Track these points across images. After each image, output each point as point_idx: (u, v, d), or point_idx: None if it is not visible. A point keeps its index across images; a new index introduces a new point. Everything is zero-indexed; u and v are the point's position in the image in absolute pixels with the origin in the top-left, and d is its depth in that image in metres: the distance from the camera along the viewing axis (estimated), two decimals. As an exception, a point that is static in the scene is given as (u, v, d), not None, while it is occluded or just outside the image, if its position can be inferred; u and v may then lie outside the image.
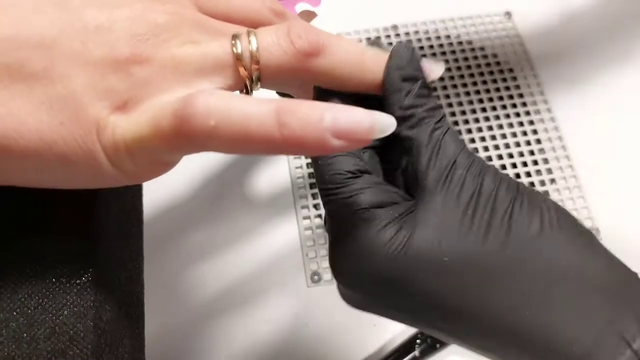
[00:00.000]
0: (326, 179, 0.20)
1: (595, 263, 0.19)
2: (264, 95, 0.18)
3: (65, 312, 0.21)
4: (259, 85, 0.20)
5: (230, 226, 0.38)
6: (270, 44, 0.19)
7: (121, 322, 0.23)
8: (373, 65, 0.20)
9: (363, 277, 0.20)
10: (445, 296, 0.19)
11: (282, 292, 0.36)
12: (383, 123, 0.17)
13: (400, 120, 0.20)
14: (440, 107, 0.20)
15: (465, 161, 0.19)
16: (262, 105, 0.17)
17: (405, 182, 0.21)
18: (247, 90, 0.19)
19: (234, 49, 0.19)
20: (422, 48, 0.45)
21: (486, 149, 0.41)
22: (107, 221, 0.24)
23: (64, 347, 0.20)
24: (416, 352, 0.34)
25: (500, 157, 0.41)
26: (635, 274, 0.19)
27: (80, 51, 0.18)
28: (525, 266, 0.18)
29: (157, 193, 0.39)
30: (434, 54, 0.45)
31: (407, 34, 0.46)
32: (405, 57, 0.20)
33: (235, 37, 0.19)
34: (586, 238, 0.19)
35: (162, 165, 0.19)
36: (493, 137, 0.42)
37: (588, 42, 0.46)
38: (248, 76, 0.19)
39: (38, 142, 0.17)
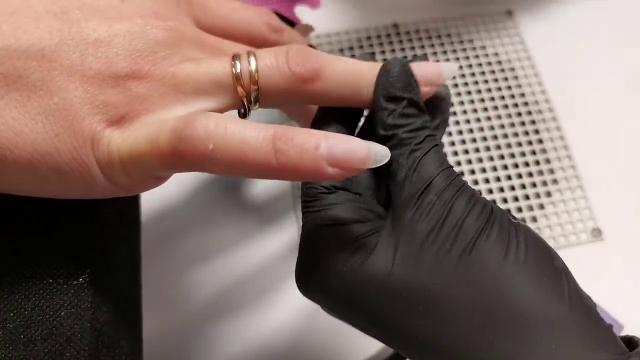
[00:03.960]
0: (303, 191, 0.20)
1: (556, 307, 0.18)
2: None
3: (63, 314, 0.21)
4: (257, 106, 0.20)
5: (228, 228, 0.38)
6: (269, 67, 0.19)
7: (119, 324, 0.23)
8: (369, 82, 0.20)
9: (317, 290, 0.20)
10: (395, 322, 0.19)
11: (281, 295, 0.36)
12: (378, 154, 0.18)
13: (382, 140, 0.20)
14: (426, 127, 0.20)
15: (441, 184, 0.19)
16: (260, 131, 0.17)
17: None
18: (245, 110, 0.20)
19: (234, 69, 0.19)
20: (422, 47, 0.45)
21: (487, 148, 0.41)
22: (104, 222, 0.24)
23: (61, 348, 0.20)
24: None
25: (502, 157, 0.41)
26: (597, 320, 0.18)
27: (78, 64, 0.18)
28: (479, 302, 0.18)
29: (154, 194, 0.39)
30: (434, 53, 0.45)
31: (407, 32, 0.46)
32: (393, 75, 0.20)
33: (235, 57, 0.19)
34: (553, 276, 0.18)
35: (155, 179, 0.20)
36: (495, 137, 0.41)
37: (590, 40, 0.45)
38: (246, 96, 0.19)
39: (32, 153, 0.17)
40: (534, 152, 0.41)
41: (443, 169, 0.19)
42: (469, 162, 0.41)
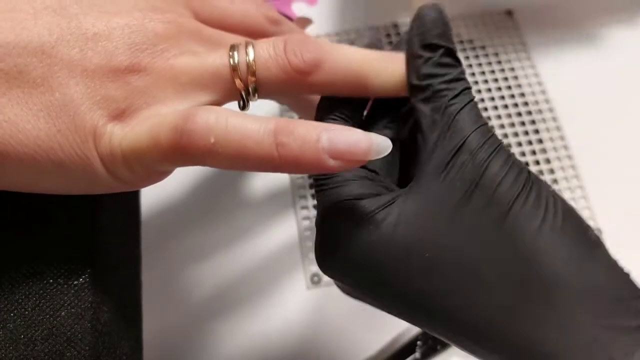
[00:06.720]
0: None
1: (592, 274, 0.17)
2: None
3: (63, 314, 0.21)
4: (256, 97, 0.20)
5: (228, 227, 0.38)
6: (267, 59, 0.19)
7: (119, 324, 0.23)
8: (376, 73, 0.20)
9: (341, 266, 0.19)
10: (426, 293, 0.18)
11: (281, 294, 0.36)
12: (380, 145, 0.17)
13: (415, 90, 0.19)
14: (462, 78, 0.19)
15: (476, 142, 0.18)
16: (261, 124, 0.17)
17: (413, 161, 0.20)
18: (245, 101, 0.20)
19: (231, 61, 0.19)
20: (423, 47, 0.45)
21: (487, 148, 0.41)
22: (105, 222, 0.24)
23: (61, 348, 0.20)
24: (417, 354, 0.33)
25: (501, 157, 0.41)
26: (633, 289, 0.18)
27: (78, 59, 0.18)
28: (515, 270, 0.17)
29: (154, 194, 0.39)
30: (434, 54, 0.45)
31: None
32: (429, 20, 0.19)
33: (233, 48, 0.19)
34: (588, 245, 0.18)
35: (158, 174, 0.20)
36: (494, 137, 0.41)
37: (590, 40, 0.45)
38: (244, 88, 0.19)
39: (35, 149, 0.17)
40: (534, 152, 0.41)
41: (479, 126, 0.18)
42: (469, 162, 0.41)
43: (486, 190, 0.18)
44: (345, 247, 0.19)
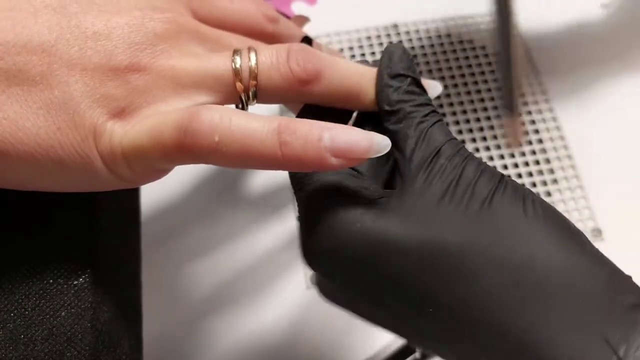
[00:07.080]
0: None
1: (580, 262, 0.17)
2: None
3: (63, 314, 0.21)
4: (255, 101, 0.20)
5: (227, 227, 0.38)
6: (269, 65, 0.19)
7: (119, 323, 0.23)
8: (366, 89, 0.21)
9: (326, 257, 0.19)
10: (412, 285, 0.18)
11: (280, 294, 0.36)
12: (380, 144, 0.18)
13: (387, 115, 0.20)
14: (429, 103, 0.20)
15: (450, 151, 0.19)
16: (264, 123, 0.17)
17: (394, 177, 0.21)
18: (243, 105, 0.20)
19: (233, 65, 0.19)
20: (422, 47, 0.45)
21: (487, 148, 0.41)
22: (105, 222, 0.24)
23: (61, 348, 0.20)
24: (417, 354, 0.33)
25: (501, 157, 0.41)
26: (620, 273, 0.18)
27: (78, 57, 0.18)
28: (502, 261, 0.17)
29: (154, 193, 0.39)
30: (434, 53, 0.45)
31: (407, 32, 0.46)
32: (396, 55, 0.21)
33: (235, 52, 0.19)
34: (571, 233, 0.18)
35: (158, 172, 0.20)
36: (494, 137, 0.41)
37: (590, 42, 0.45)
38: (245, 92, 0.19)
39: (35, 147, 0.18)
40: (534, 152, 0.41)
41: (450, 138, 0.20)
42: (469, 162, 0.41)
43: (466, 186, 0.18)
44: (326, 238, 0.19)
